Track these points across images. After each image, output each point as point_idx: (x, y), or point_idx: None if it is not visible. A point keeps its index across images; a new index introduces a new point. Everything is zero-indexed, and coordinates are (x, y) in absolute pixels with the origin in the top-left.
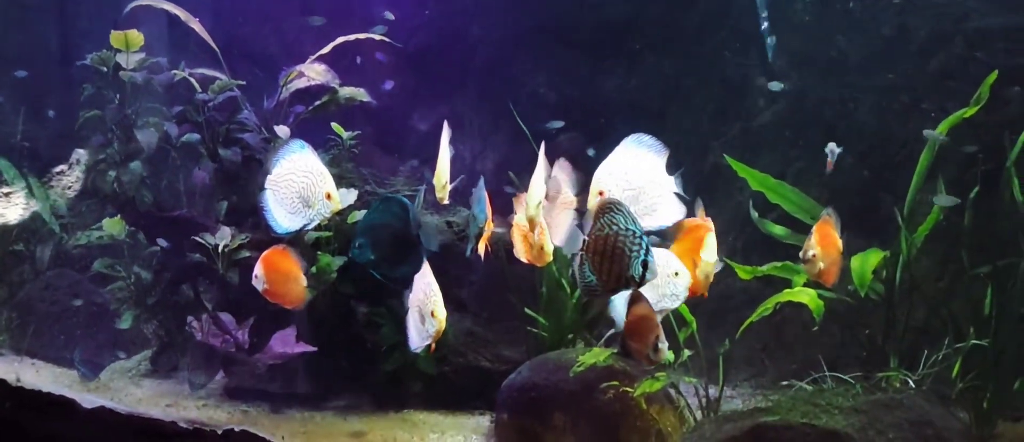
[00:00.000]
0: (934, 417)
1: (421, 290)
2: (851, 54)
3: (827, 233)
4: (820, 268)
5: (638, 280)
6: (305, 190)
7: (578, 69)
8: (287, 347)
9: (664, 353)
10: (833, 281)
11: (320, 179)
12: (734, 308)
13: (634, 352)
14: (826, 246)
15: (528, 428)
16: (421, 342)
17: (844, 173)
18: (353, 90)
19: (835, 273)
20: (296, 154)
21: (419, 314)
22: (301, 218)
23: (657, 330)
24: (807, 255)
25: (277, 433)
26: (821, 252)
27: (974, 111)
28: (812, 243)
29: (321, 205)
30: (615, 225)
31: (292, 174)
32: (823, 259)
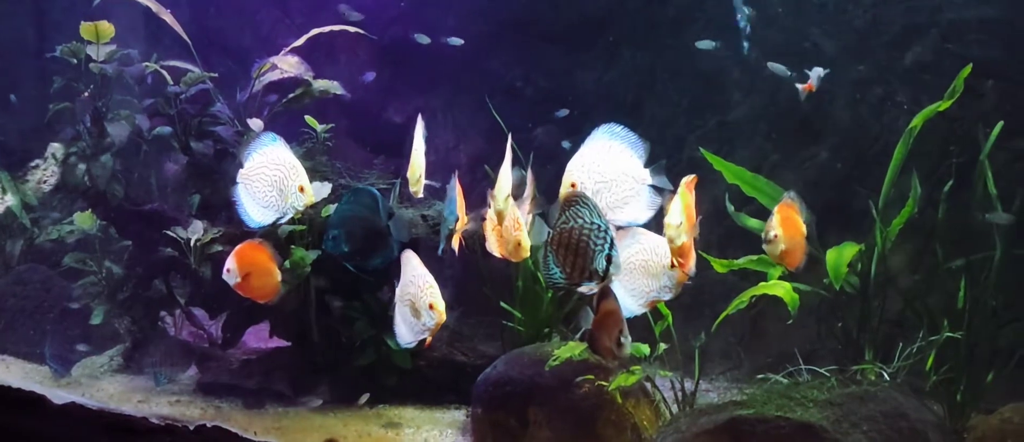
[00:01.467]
0: (908, 409)
1: (413, 282)
2: (826, 47)
3: (789, 216)
4: (782, 250)
5: (602, 274)
6: (278, 183)
7: (554, 62)
8: (261, 342)
9: (627, 348)
10: (796, 264)
11: (292, 172)
12: (710, 301)
13: (599, 347)
14: (788, 229)
15: (503, 422)
16: (414, 337)
17: (819, 166)
18: (327, 83)
19: (798, 256)
20: (268, 147)
21: (411, 307)
22: (274, 211)
23: (621, 325)
24: (769, 236)
25: (250, 429)
26: (783, 234)
27: (948, 104)
28: (773, 224)
29: (294, 198)
30: (580, 218)
31: (264, 167)
32: (785, 241)
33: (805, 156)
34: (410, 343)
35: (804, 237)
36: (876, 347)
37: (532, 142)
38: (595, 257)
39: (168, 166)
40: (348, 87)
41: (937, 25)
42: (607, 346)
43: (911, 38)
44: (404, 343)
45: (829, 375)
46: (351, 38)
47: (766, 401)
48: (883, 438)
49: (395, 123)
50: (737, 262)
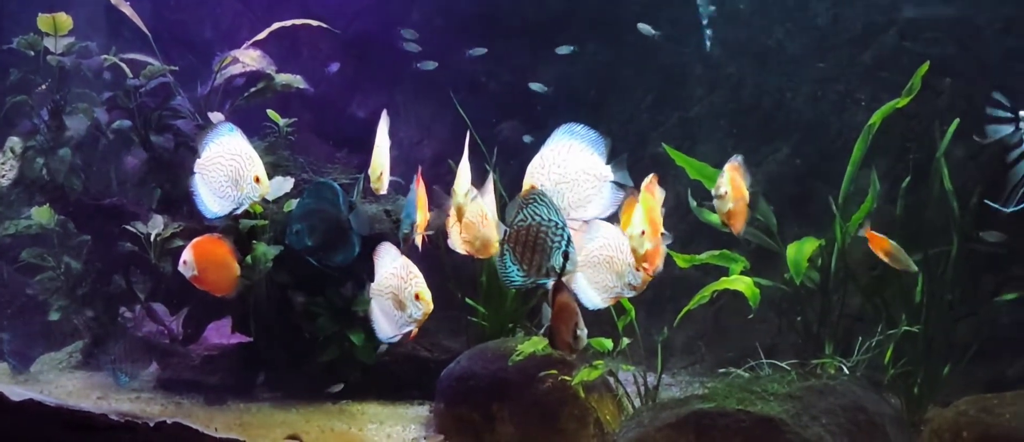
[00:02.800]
0: (867, 402)
1: (395, 274)
2: (788, 44)
3: (736, 176)
4: (730, 208)
5: (558, 271)
6: (234, 173)
7: (518, 58)
8: (223, 338)
9: (583, 340)
10: (740, 227)
11: (248, 162)
12: (672, 296)
13: (557, 341)
14: (736, 187)
15: (466, 417)
16: (398, 330)
17: (780, 162)
18: (289, 77)
19: (742, 219)
20: (225, 137)
21: (393, 300)
22: (230, 202)
23: (576, 317)
24: (719, 191)
25: (211, 425)
26: (732, 192)
27: (906, 101)
28: (724, 181)
29: (250, 188)
30: (538, 216)
31: (221, 158)
32: (733, 199)
33: (767, 152)
34: (393, 338)
35: (746, 202)
36: (836, 341)
37: (496, 137)
38: (552, 254)
39: (128, 160)
40: (311, 81)
41: (896, 23)
42: (564, 340)
43: (871, 36)
44: (386, 338)
45: (790, 369)
46: (314, 32)
47: (727, 395)
48: (842, 431)
49: (359, 118)
50: (699, 257)
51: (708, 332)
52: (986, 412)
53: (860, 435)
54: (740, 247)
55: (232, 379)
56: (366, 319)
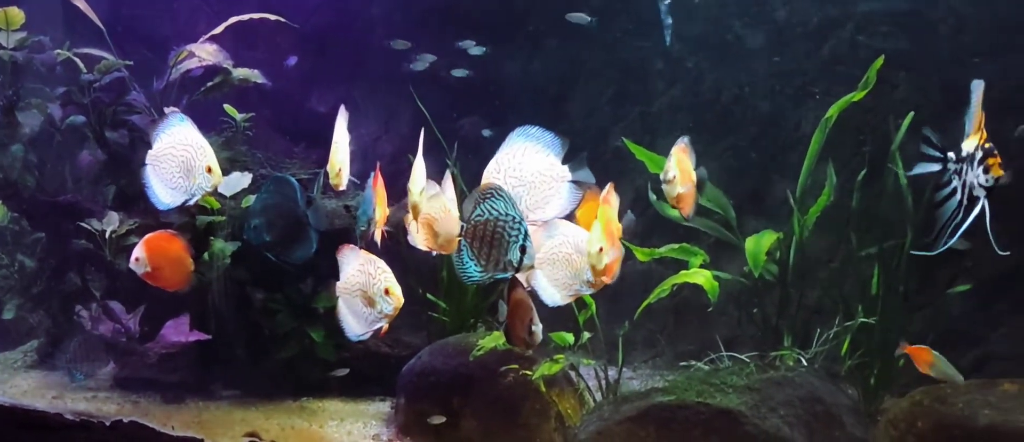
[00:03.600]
0: (824, 394)
1: (362, 271)
2: (746, 39)
3: (683, 161)
4: (679, 191)
5: (516, 265)
6: (185, 164)
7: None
8: (180, 335)
9: (538, 335)
10: (689, 210)
11: (199, 152)
12: (633, 290)
13: (513, 336)
14: (684, 171)
15: (427, 413)
16: (368, 328)
17: (739, 156)
18: (247, 71)
19: (690, 201)
20: (176, 127)
21: (362, 297)
22: (182, 193)
23: (531, 313)
24: (668, 176)
25: (169, 423)
26: (680, 177)
27: (862, 95)
28: (672, 165)
29: (202, 179)
30: (495, 211)
31: (172, 148)
32: (681, 183)
33: (726, 146)
34: (363, 335)
35: (695, 184)
36: (794, 333)
37: (457, 132)
38: (509, 249)
39: (82, 156)
40: (270, 76)
41: (852, 18)
42: (520, 336)
43: (827, 30)
44: (356, 336)
45: (749, 361)
46: (273, 27)
47: (687, 387)
48: (800, 421)
49: (318, 112)
50: (659, 251)
51: (669, 325)
52: (940, 402)
53: (817, 425)
54: (700, 241)
55: (190, 377)
56: (326, 315)
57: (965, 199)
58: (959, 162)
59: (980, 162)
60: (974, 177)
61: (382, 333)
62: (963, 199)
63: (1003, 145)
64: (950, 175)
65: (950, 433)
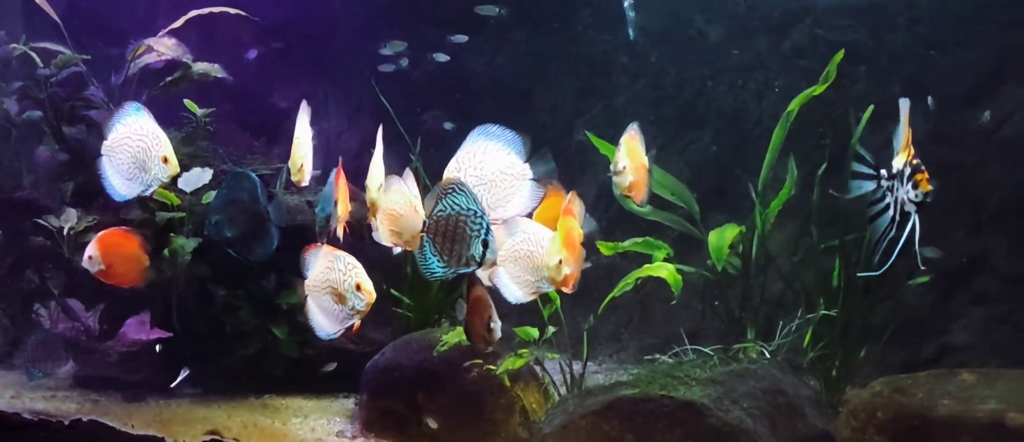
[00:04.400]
0: (786, 385)
1: (332, 267)
2: (710, 33)
3: (633, 148)
4: (631, 181)
5: (478, 260)
6: (141, 154)
7: (443, 46)
8: (141, 334)
9: (497, 332)
10: (642, 197)
11: (155, 142)
12: (597, 284)
13: (472, 334)
14: (634, 158)
15: (392, 409)
16: (340, 325)
17: (702, 150)
18: (207, 66)
19: (643, 189)
20: (131, 118)
21: (333, 294)
22: (138, 184)
23: (490, 310)
24: (617, 167)
25: (129, 422)
26: (631, 165)
27: (823, 89)
28: (622, 155)
29: (158, 169)
30: (457, 206)
31: (127, 139)
32: (633, 172)
33: (689, 140)
34: (335, 334)
35: (647, 170)
36: (757, 326)
37: (421, 127)
38: (472, 243)
39: (39, 152)
40: (231, 70)
41: (812, 12)
42: (479, 333)
43: (789, 24)
44: (327, 335)
45: (712, 354)
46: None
47: (651, 381)
48: (762, 413)
49: (280, 107)
50: (623, 245)
51: (633, 319)
52: (900, 392)
53: (780, 417)
54: (663, 234)
55: (151, 375)
56: (289, 312)
57: (897, 215)
58: (891, 179)
59: (909, 178)
60: (904, 193)
61: (354, 330)
62: (896, 215)
63: (960, 137)
64: (883, 192)
65: (910, 423)
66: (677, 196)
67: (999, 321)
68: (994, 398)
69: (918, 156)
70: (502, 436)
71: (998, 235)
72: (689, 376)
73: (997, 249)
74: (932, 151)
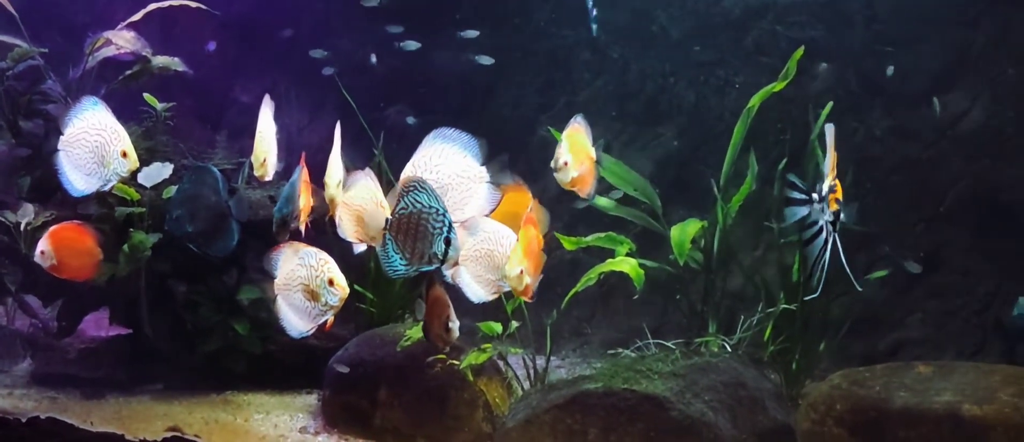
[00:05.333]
0: (747, 379)
1: (303, 264)
2: (671, 29)
3: (577, 141)
4: (573, 176)
5: (441, 257)
6: (99, 149)
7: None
8: (100, 330)
9: (455, 332)
10: (588, 190)
11: (114, 136)
12: (561, 279)
13: (430, 333)
14: (576, 152)
15: (354, 404)
16: (313, 323)
17: (665, 146)
18: (167, 59)
19: (589, 182)
20: (88, 112)
21: (304, 291)
22: (97, 179)
23: (448, 310)
24: (558, 164)
25: (88, 419)
26: (574, 160)
27: (783, 85)
28: (563, 151)
29: (117, 164)
30: (419, 203)
31: (85, 133)
32: (576, 167)
33: (651, 136)
34: (307, 332)
35: (594, 162)
36: (719, 320)
37: (384, 122)
38: (434, 241)
39: None
40: (192, 64)
41: (773, 9)
42: (437, 332)
43: (750, 21)
44: (300, 333)
45: (674, 348)
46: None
47: (613, 375)
48: (723, 406)
49: (242, 102)
50: (585, 240)
51: (596, 314)
52: (857, 385)
53: (741, 410)
54: (626, 229)
55: (111, 372)
56: (251, 308)
57: (829, 236)
58: (821, 202)
59: (824, 199)
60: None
61: (327, 327)
62: (829, 237)
63: (916, 131)
64: (816, 215)
65: (867, 415)
66: (640, 191)
67: (954, 315)
68: (949, 390)
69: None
70: (465, 431)
71: (955, 230)
72: (651, 370)
73: (954, 243)
74: (892, 147)
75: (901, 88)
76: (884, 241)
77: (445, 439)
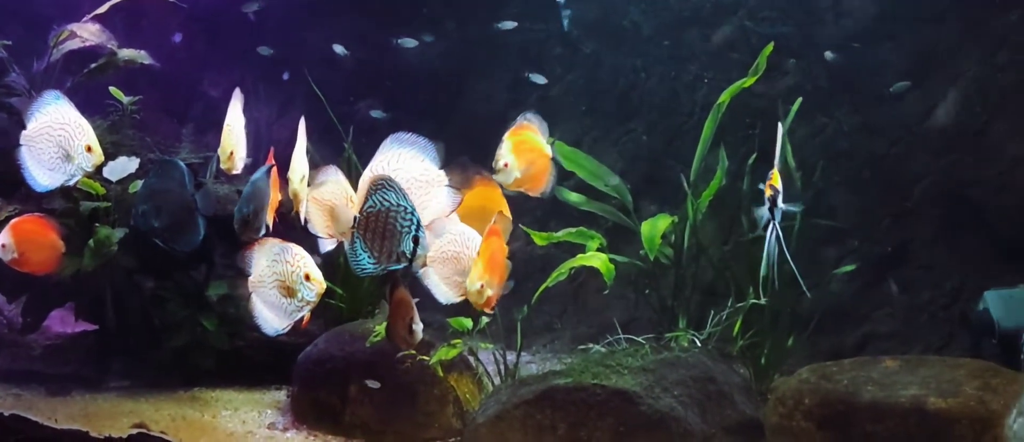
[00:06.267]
0: (716, 373)
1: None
2: (643, 25)
3: (523, 140)
4: (516, 178)
5: (409, 256)
6: (63, 144)
7: (376, 35)
8: (66, 326)
9: (418, 334)
10: (540, 188)
11: (78, 131)
12: (532, 274)
13: (394, 335)
14: (523, 153)
15: (324, 400)
16: (289, 320)
17: (635, 142)
18: (133, 52)
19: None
20: (52, 106)
21: (280, 288)
22: (61, 174)
23: (412, 312)
24: (498, 165)
25: (53, 416)
26: (516, 161)
27: (752, 81)
28: (503, 152)
29: (82, 159)
30: (387, 202)
31: (49, 128)
32: (520, 168)
33: (623, 131)
34: (284, 329)
35: (547, 158)
36: (689, 315)
37: (354, 116)
38: (402, 239)
39: None
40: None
41: (743, 5)
42: (400, 334)
43: (721, 17)
44: (276, 331)
45: (644, 343)
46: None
47: (583, 370)
48: (693, 401)
49: (210, 96)
50: (556, 235)
51: (567, 309)
52: (825, 379)
53: (710, 404)
54: (597, 225)
55: (77, 369)
56: (219, 303)
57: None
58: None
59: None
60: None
61: (304, 323)
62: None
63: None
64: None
65: (835, 408)
66: (610, 186)
67: (921, 309)
68: (916, 384)
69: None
70: (435, 427)
71: (921, 225)
72: (621, 365)
73: (920, 238)
74: (860, 142)
75: (869, 84)
76: (852, 236)
77: (415, 435)
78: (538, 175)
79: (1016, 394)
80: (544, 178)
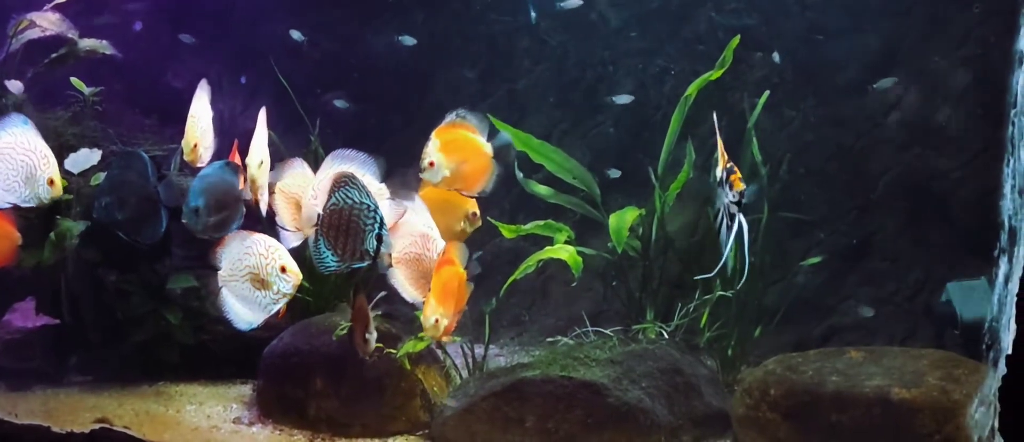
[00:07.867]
0: (684, 365)
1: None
2: (611, 18)
3: (452, 138)
4: (445, 177)
5: (372, 254)
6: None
7: (344, 26)
8: (27, 321)
9: (371, 344)
10: (475, 187)
11: (44, 162)
12: (500, 267)
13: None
14: (452, 151)
15: (289, 394)
16: (263, 313)
17: (604, 135)
18: (94, 42)
19: (477, 178)
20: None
21: (253, 280)
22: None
23: (368, 322)
24: (423, 164)
25: (13, 412)
26: (444, 159)
27: (719, 74)
28: (429, 150)
29: (42, 190)
30: (350, 199)
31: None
32: (449, 165)
33: (591, 124)
34: (258, 323)
35: (485, 156)
36: (657, 307)
37: (321, 107)
38: (366, 237)
39: None
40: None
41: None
42: (358, 342)
43: (688, 9)
44: (249, 325)
45: (612, 335)
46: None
47: (551, 362)
48: (660, 392)
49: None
50: (524, 228)
51: (535, 301)
52: (791, 370)
53: (677, 395)
54: (565, 217)
55: (38, 363)
56: (183, 297)
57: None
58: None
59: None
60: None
61: (280, 316)
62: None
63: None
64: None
65: (800, 399)
66: (578, 179)
67: (886, 301)
68: (879, 374)
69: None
70: (403, 420)
71: (886, 217)
72: (589, 357)
73: (885, 231)
74: (826, 135)
75: (835, 77)
76: (818, 228)
77: (382, 428)
78: (472, 174)
79: (978, 384)
80: (480, 177)
